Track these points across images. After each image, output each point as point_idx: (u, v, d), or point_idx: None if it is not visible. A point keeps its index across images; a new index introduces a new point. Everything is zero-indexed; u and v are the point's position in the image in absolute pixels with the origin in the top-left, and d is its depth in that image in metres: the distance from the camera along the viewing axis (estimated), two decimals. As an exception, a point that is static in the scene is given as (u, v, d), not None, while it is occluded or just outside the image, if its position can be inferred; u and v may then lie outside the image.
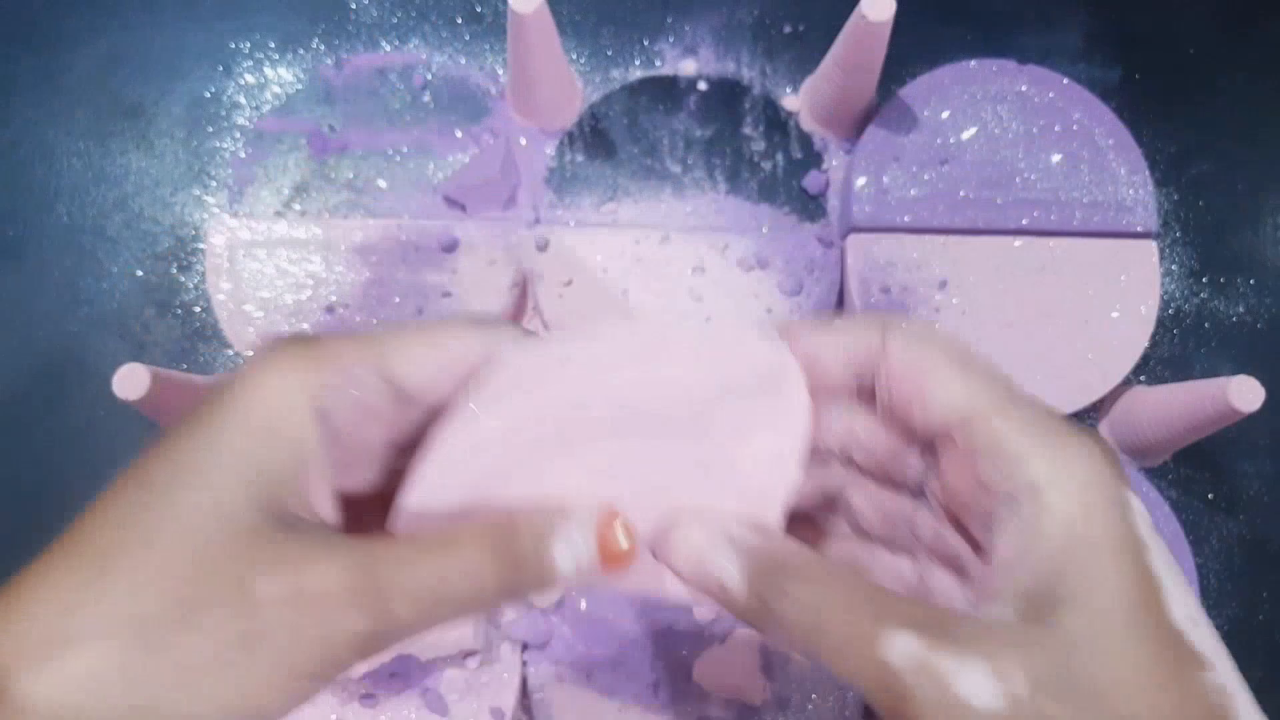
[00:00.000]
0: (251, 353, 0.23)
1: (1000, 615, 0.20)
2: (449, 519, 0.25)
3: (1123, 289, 0.56)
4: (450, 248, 0.57)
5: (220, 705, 0.21)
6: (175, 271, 0.59)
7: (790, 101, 0.61)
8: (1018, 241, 0.57)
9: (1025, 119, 0.58)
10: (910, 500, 0.27)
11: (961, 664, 0.19)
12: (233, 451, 0.22)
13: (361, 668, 0.49)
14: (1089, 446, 0.21)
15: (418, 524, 0.25)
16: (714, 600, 0.24)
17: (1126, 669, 0.19)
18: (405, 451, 0.26)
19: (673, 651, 0.52)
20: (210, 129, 0.61)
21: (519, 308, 0.58)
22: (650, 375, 0.25)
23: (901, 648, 0.20)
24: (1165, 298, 0.59)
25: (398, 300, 0.56)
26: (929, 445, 0.25)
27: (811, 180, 0.59)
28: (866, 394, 0.26)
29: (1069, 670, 0.19)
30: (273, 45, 0.62)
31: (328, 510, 0.24)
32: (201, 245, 0.58)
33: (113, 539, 0.21)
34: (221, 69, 0.62)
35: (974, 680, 0.19)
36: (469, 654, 0.52)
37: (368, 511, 0.26)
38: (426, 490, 0.25)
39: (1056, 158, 0.57)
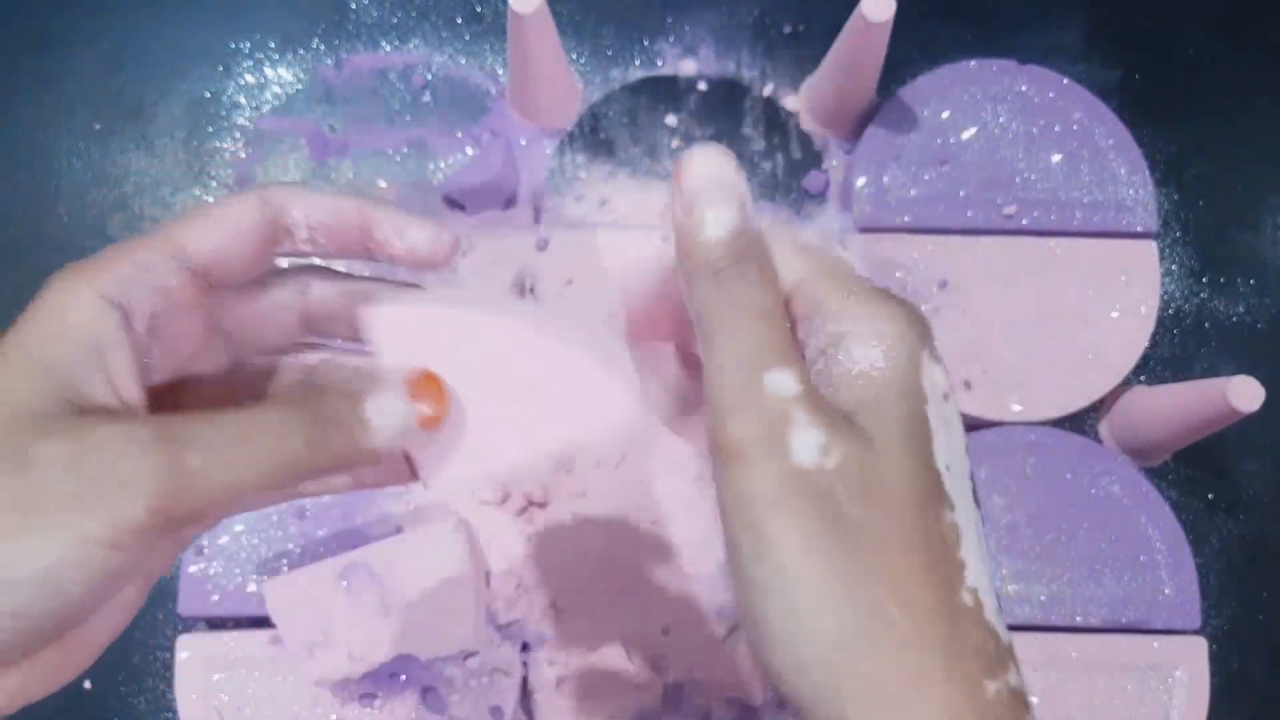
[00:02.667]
0: None
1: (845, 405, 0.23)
2: None
3: (1123, 289, 0.56)
4: (450, 248, 0.57)
5: (8, 575, 0.20)
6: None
7: (790, 101, 0.61)
8: (1018, 241, 0.57)
9: (1025, 119, 0.58)
10: None
11: (809, 424, 0.22)
12: (20, 350, 0.22)
13: (360, 667, 0.49)
14: (897, 310, 0.23)
15: None
16: (679, 238, 0.25)
17: (897, 486, 0.22)
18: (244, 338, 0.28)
19: (674, 652, 0.52)
20: (210, 129, 0.61)
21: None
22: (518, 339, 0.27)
23: (783, 384, 0.22)
24: (1165, 298, 0.59)
25: (398, 300, 0.56)
26: None
27: (811, 180, 0.59)
28: None
29: (866, 472, 0.21)
30: (273, 45, 0.62)
31: (136, 395, 0.24)
32: (201, 245, 0.58)
33: None
34: (221, 69, 0.62)
35: (809, 440, 0.21)
36: (469, 654, 0.52)
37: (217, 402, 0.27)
38: None
39: (1056, 158, 0.57)
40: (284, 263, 0.30)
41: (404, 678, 0.51)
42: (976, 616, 0.21)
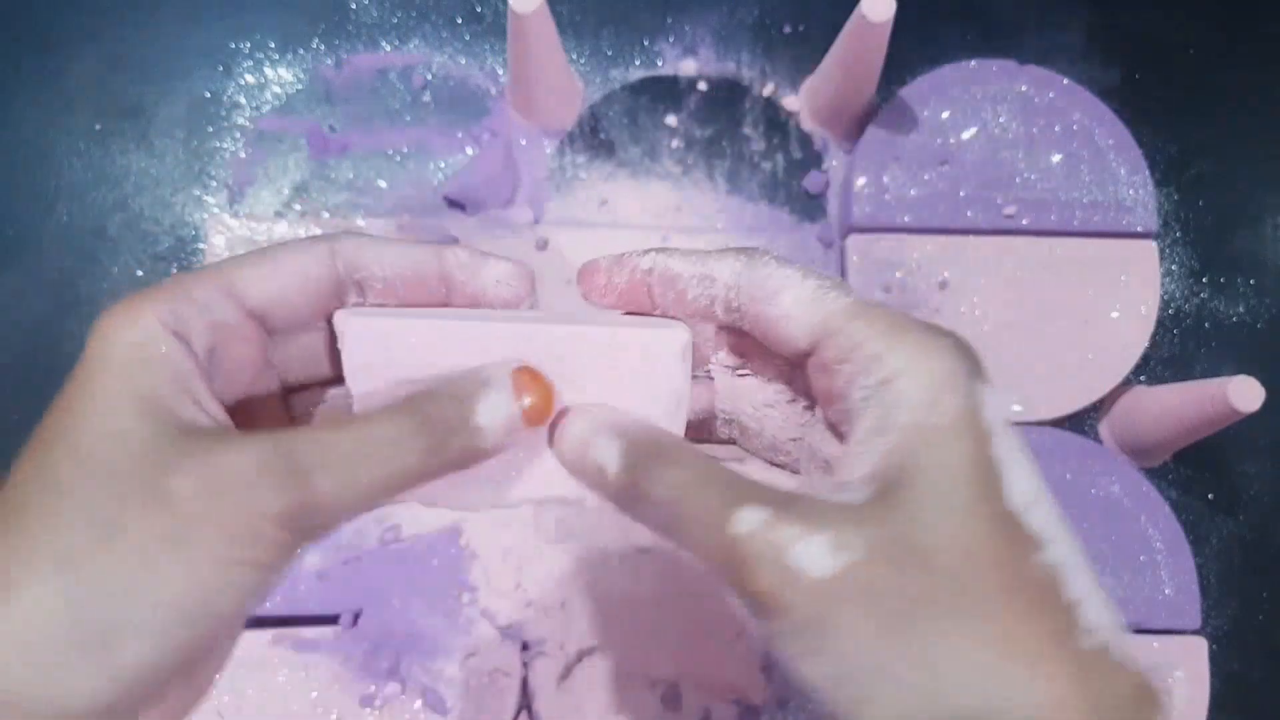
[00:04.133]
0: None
1: (850, 498, 0.21)
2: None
3: (1123, 289, 0.56)
4: (450, 248, 0.57)
5: (162, 605, 0.21)
6: (175, 271, 0.59)
7: (790, 101, 0.61)
8: (1018, 241, 0.57)
9: (1025, 119, 0.58)
10: (798, 421, 0.28)
11: (804, 534, 0.20)
12: (112, 386, 0.22)
13: (360, 645, 0.49)
14: (942, 342, 0.22)
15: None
16: (593, 487, 0.25)
17: (959, 545, 0.20)
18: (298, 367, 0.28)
19: (674, 651, 0.52)
20: (210, 129, 0.61)
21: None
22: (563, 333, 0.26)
23: (748, 519, 0.21)
24: (1165, 298, 0.59)
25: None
26: (801, 365, 0.26)
27: (811, 180, 0.59)
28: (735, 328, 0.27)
29: (906, 542, 0.20)
30: (273, 45, 0.62)
31: (224, 417, 0.24)
32: (201, 245, 0.58)
33: (21, 495, 0.22)
34: (221, 69, 0.61)
35: (814, 548, 0.20)
36: (469, 654, 0.52)
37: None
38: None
39: (1056, 158, 0.57)
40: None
41: (404, 678, 0.51)
42: (1104, 661, 0.20)
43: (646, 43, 0.62)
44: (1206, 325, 0.59)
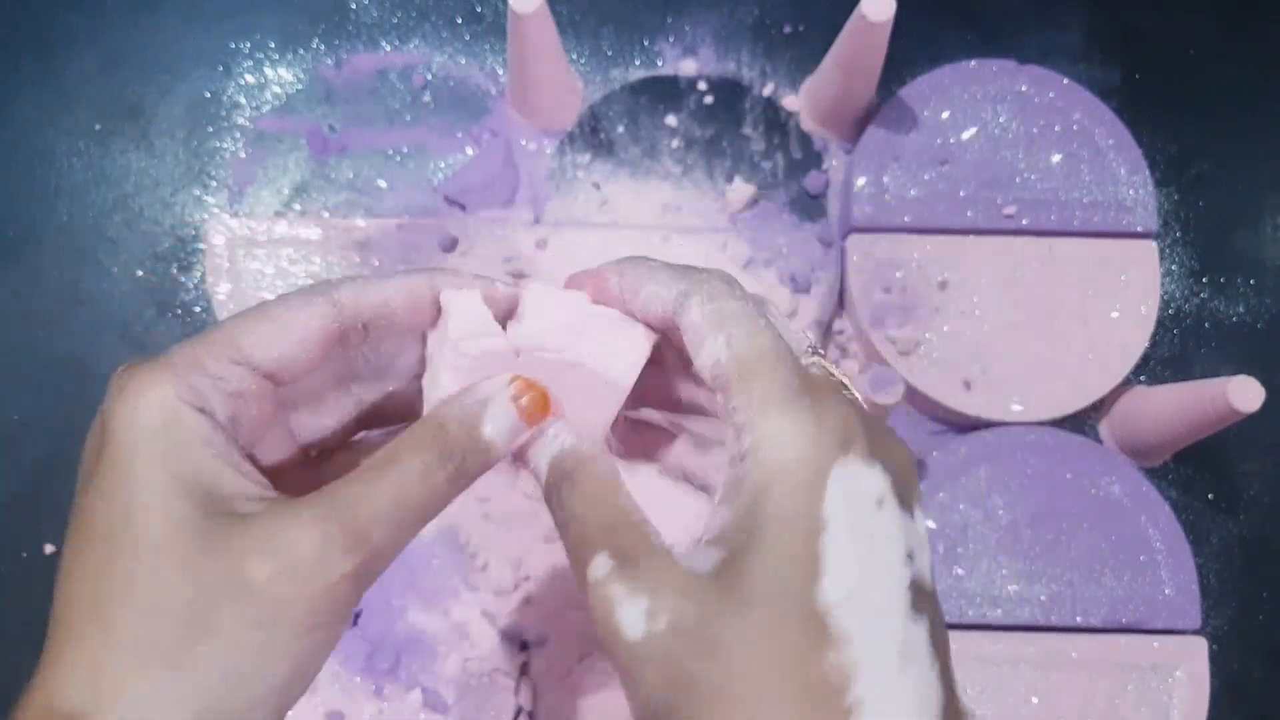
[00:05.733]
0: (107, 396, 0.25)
1: (692, 565, 0.22)
2: None
3: (1123, 289, 0.56)
4: (450, 248, 0.57)
5: (266, 682, 0.23)
6: (175, 271, 0.59)
7: (790, 101, 0.61)
8: (1018, 241, 0.57)
9: (1025, 119, 0.58)
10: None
11: (628, 595, 0.22)
12: (151, 473, 0.23)
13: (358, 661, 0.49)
14: (806, 422, 0.22)
15: None
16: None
17: (755, 640, 0.21)
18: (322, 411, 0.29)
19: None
20: (210, 129, 0.61)
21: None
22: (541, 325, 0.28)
23: (598, 568, 0.23)
24: (1165, 298, 0.59)
25: (398, 300, 0.56)
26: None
27: (811, 180, 0.59)
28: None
29: (709, 628, 0.21)
30: (273, 45, 0.62)
31: (263, 480, 0.26)
32: (201, 245, 0.58)
33: (92, 591, 0.22)
34: (221, 69, 0.61)
35: (632, 612, 0.22)
36: (469, 654, 0.52)
37: (309, 467, 0.29)
38: None
39: (1056, 158, 0.57)
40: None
41: (404, 677, 0.51)
42: None
43: (646, 43, 0.62)
44: (1206, 325, 0.59)
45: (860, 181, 0.57)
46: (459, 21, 0.62)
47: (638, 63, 0.62)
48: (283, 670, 0.23)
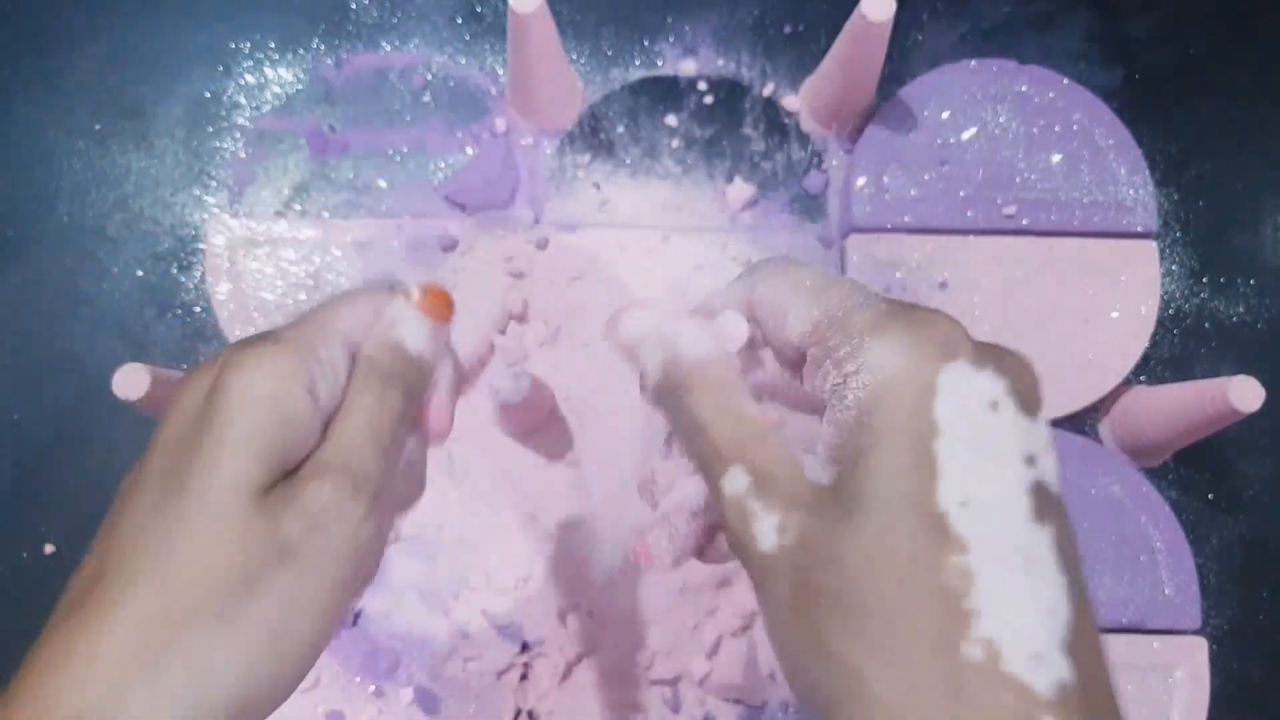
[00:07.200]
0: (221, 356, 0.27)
1: (817, 478, 0.23)
2: None
3: (1123, 289, 0.56)
4: (450, 247, 0.57)
5: (308, 640, 0.25)
6: (175, 271, 0.59)
7: (790, 101, 0.61)
8: (1018, 241, 0.57)
9: (1025, 119, 0.58)
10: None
11: (764, 510, 0.23)
12: (248, 436, 0.25)
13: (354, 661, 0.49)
14: (902, 337, 0.22)
15: None
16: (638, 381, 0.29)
17: (879, 545, 0.21)
18: None
19: (673, 652, 0.52)
20: (210, 129, 0.61)
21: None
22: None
23: (736, 484, 0.24)
24: (1165, 298, 0.59)
25: (398, 300, 0.56)
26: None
27: (811, 180, 0.59)
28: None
29: (829, 535, 0.22)
30: (273, 45, 0.62)
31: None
32: (201, 245, 0.58)
33: (153, 538, 0.24)
34: (221, 69, 0.61)
35: (765, 526, 0.23)
36: (469, 654, 0.52)
37: None
38: None
39: (1056, 158, 0.57)
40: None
41: (402, 677, 0.51)
42: (990, 672, 0.19)
43: (646, 43, 0.62)
44: (1206, 325, 0.59)
45: (860, 181, 0.57)
46: (459, 21, 0.62)
47: (638, 63, 0.62)
48: (321, 620, 0.25)
